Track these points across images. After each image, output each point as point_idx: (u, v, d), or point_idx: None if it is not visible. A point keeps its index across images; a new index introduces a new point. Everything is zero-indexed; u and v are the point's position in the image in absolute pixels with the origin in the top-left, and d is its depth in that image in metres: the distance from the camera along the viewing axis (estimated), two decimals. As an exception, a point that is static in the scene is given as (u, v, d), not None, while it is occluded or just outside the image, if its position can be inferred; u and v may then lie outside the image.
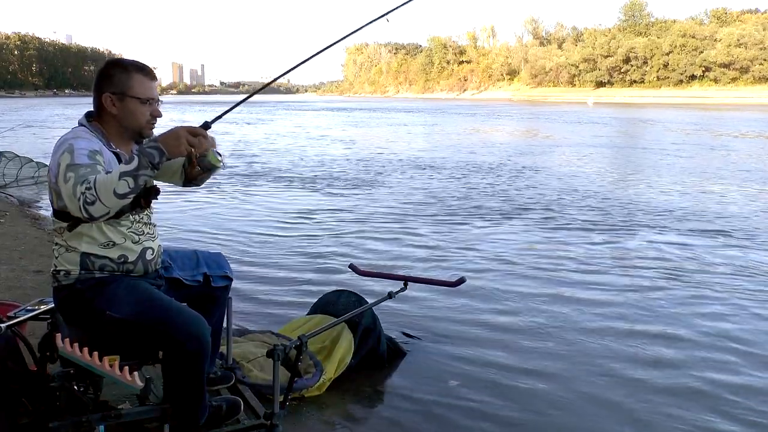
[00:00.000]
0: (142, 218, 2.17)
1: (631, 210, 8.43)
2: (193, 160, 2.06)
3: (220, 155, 2.08)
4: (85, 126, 2.10)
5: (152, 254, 2.20)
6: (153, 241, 2.22)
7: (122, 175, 1.83)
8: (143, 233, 2.16)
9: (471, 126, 30.52)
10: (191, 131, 1.95)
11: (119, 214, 2.08)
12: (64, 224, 2.04)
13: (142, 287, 2.10)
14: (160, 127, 2.18)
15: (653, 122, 33.49)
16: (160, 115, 2.18)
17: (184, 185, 2.44)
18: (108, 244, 2.08)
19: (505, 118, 39.29)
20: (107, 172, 1.88)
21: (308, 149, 17.82)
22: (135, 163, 1.85)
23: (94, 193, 1.81)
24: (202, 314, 2.12)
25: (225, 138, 20.60)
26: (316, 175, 11.97)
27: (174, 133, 1.92)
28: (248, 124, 30.86)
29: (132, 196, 1.86)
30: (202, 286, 2.38)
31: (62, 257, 2.07)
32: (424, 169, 13.05)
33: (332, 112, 48.64)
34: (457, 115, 42.03)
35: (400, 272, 5.18)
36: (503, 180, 11.41)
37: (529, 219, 7.79)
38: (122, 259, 2.10)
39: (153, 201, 2.19)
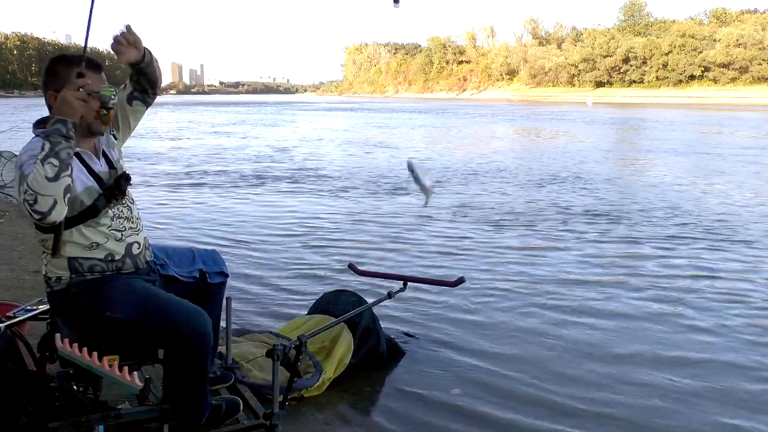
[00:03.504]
0: (122, 213, 2.15)
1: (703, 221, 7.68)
2: (97, 109, 2.01)
3: (110, 86, 2.05)
4: (37, 135, 2.04)
5: (138, 248, 2.18)
6: (137, 234, 2.19)
7: (43, 161, 1.79)
8: (125, 228, 2.14)
9: (494, 128, 29.41)
10: (71, 88, 1.90)
11: (95, 212, 2.06)
12: (45, 235, 2.01)
13: (138, 286, 2.09)
14: (176, 129, 2.15)
15: (676, 123, 31.98)
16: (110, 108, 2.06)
17: (145, 102, 2.31)
18: (92, 246, 2.07)
19: (520, 119, 38.09)
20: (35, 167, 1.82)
21: (352, 154, 16.53)
22: (47, 146, 1.82)
23: (32, 191, 1.78)
24: None
25: (256, 141, 19.86)
26: (344, 179, 11.55)
27: (61, 100, 1.88)
28: (270, 125, 30.32)
29: (66, 174, 1.82)
30: (198, 282, 2.38)
31: (51, 263, 2.06)
32: (472, 176, 12.02)
33: (344, 113, 48.06)
34: (470, 117, 41.07)
35: (400, 272, 5.18)
36: (560, 189, 10.37)
37: (550, 226, 7.51)
38: (109, 258, 2.09)
39: (127, 188, 2.17)
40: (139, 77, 2.24)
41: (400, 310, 4.29)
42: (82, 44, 2.07)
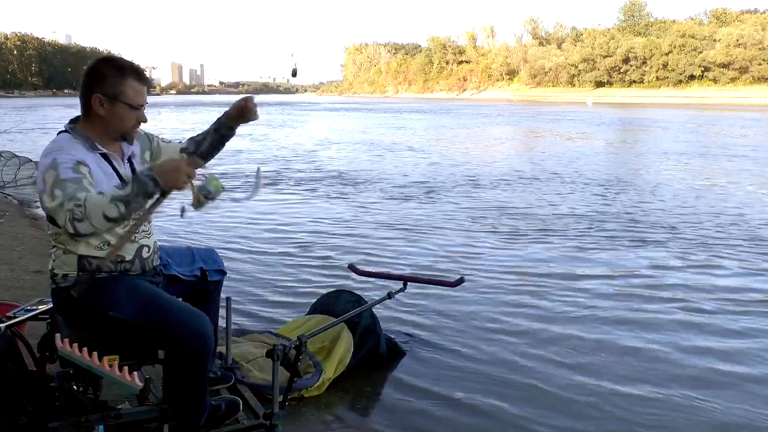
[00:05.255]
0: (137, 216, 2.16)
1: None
2: (194, 192, 1.93)
3: (221, 183, 1.97)
4: (68, 132, 2.06)
5: (148, 252, 2.19)
6: (149, 238, 2.21)
7: (113, 199, 1.79)
8: (138, 232, 2.15)
9: (509, 130, 28.38)
10: (191, 163, 1.87)
11: None
12: (59, 229, 2.00)
13: (142, 287, 2.10)
14: (166, 132, 2.16)
15: (688, 124, 30.81)
16: (145, 120, 2.14)
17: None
18: (103, 246, 2.07)
19: (528, 120, 37.18)
20: (100, 193, 1.85)
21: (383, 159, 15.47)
22: (128, 189, 1.81)
23: (84, 211, 1.78)
24: (199, 309, 2.13)
25: (273, 144, 19.35)
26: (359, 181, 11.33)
27: (175, 165, 1.84)
28: (283, 126, 29.84)
29: (118, 225, 1.85)
30: (198, 281, 2.40)
31: (59, 260, 2.07)
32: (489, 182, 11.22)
33: (351, 113, 47.57)
34: (478, 117, 40.43)
35: (400, 272, 5.18)
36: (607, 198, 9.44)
37: (564, 235, 7.09)
38: (119, 259, 2.10)
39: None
40: (216, 143, 2.41)
41: (400, 310, 4.29)
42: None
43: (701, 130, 27.14)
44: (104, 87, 2.03)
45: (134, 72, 2.07)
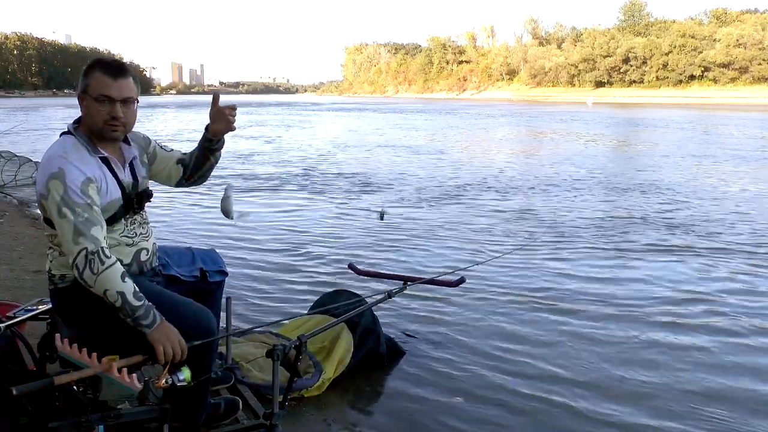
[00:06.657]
0: (136, 219, 2.16)
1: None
2: (165, 370, 1.90)
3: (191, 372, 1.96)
4: (71, 134, 2.03)
5: (147, 254, 2.18)
6: (147, 240, 2.19)
7: (121, 292, 1.89)
8: (137, 234, 2.14)
9: (521, 130, 27.96)
10: (183, 349, 1.93)
11: (112, 221, 2.06)
12: (53, 231, 2.00)
13: (144, 285, 2.09)
14: (168, 138, 2.12)
15: (697, 124, 30.32)
16: (119, 116, 2.00)
17: (176, 186, 2.42)
18: None
19: (535, 120, 36.75)
20: (123, 274, 1.92)
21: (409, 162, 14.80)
22: (138, 304, 1.90)
23: (99, 269, 1.88)
24: None
25: (288, 145, 19.00)
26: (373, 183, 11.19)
27: (171, 334, 1.92)
28: (294, 127, 29.64)
29: (108, 304, 1.92)
30: (199, 281, 2.38)
31: (56, 260, 2.06)
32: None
33: (358, 113, 47.39)
34: (485, 117, 40.16)
35: (400, 272, 5.17)
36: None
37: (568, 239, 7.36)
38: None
39: (146, 204, 2.20)
40: (201, 158, 2.32)
41: (400, 310, 4.29)
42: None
43: (715, 130, 26.67)
44: (81, 84, 2.03)
45: (102, 64, 2.02)
